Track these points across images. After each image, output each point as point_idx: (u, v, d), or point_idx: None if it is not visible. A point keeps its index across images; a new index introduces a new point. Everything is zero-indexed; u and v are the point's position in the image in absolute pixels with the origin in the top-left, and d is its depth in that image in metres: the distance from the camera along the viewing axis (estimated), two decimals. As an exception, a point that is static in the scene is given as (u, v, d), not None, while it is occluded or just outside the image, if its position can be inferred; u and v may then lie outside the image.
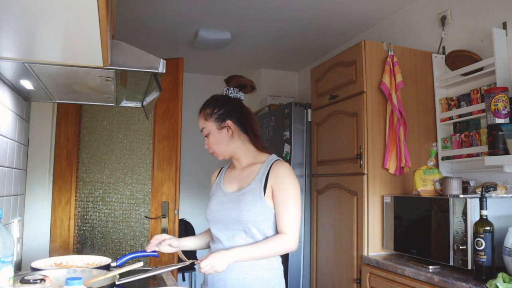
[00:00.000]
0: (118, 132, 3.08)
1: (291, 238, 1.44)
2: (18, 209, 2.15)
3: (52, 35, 1.07)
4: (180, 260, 1.57)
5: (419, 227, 2.01)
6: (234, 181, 1.58)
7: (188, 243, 1.68)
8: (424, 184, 2.09)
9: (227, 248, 1.45)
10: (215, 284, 1.49)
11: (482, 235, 1.59)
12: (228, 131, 1.55)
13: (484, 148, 2.09)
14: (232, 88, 1.63)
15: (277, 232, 1.48)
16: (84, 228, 3.00)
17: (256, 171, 1.53)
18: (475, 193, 1.99)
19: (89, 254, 2.89)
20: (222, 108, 1.56)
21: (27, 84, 1.71)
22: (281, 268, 1.53)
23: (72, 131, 2.97)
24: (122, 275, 1.37)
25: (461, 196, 1.86)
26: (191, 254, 3.95)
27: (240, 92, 1.65)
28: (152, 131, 3.05)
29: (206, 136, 1.57)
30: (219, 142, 1.55)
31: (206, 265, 1.35)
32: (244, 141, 1.58)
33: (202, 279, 1.59)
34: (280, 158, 1.58)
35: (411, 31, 2.81)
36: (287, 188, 1.47)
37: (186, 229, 3.95)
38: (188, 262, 1.50)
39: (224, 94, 1.62)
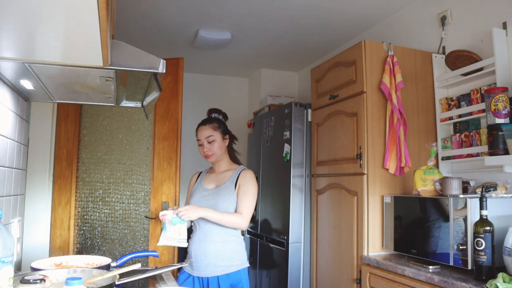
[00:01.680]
0: (118, 132, 3.08)
1: (245, 218, 2.04)
2: (18, 209, 2.15)
3: (52, 35, 1.07)
4: (179, 260, 1.60)
5: (419, 227, 2.01)
6: (212, 181, 2.19)
7: None
8: (424, 184, 2.08)
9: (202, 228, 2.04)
10: (197, 256, 2.01)
11: (482, 235, 1.59)
12: (226, 142, 2.19)
13: (484, 148, 2.09)
14: (219, 115, 2.27)
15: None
16: (84, 228, 3.00)
17: (230, 174, 2.16)
18: (475, 193, 1.99)
19: (89, 254, 2.89)
20: (224, 125, 2.21)
21: (27, 84, 1.71)
22: (244, 243, 2.13)
23: (72, 131, 2.97)
24: (122, 275, 1.37)
25: (461, 196, 1.86)
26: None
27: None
28: (152, 131, 3.04)
29: (210, 142, 2.12)
30: (221, 148, 2.15)
31: (182, 209, 1.88)
32: (227, 152, 2.22)
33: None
34: (245, 168, 2.20)
35: (411, 31, 2.81)
36: (249, 186, 2.10)
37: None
38: (187, 264, 1.55)
39: (216, 117, 2.24)
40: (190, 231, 2.12)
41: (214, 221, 2.00)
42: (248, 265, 2.10)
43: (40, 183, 2.79)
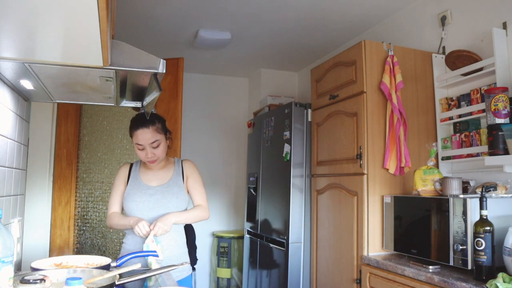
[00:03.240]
0: (118, 132, 3.08)
1: (207, 208, 2.01)
2: (18, 209, 2.15)
3: (52, 35, 1.07)
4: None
5: (419, 227, 2.01)
6: (153, 178, 1.99)
7: (117, 207, 2.01)
8: (424, 184, 2.08)
9: (164, 214, 1.86)
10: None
11: (482, 235, 1.59)
12: (168, 141, 1.99)
13: (484, 148, 2.09)
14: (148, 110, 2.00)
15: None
16: (84, 228, 3.00)
17: (172, 168, 2.02)
18: (475, 193, 1.99)
19: (89, 254, 2.90)
20: (163, 123, 1.96)
21: (27, 84, 1.71)
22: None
23: (72, 131, 2.97)
24: (122, 275, 1.37)
25: (461, 196, 1.86)
26: (192, 257, 3.95)
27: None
28: (152, 131, 3.04)
29: (156, 147, 1.89)
30: (165, 150, 1.96)
31: (157, 229, 1.76)
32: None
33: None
34: (183, 158, 2.10)
35: (411, 31, 2.81)
36: (197, 176, 2.03)
37: (186, 229, 3.95)
38: (186, 264, 1.55)
39: (150, 112, 1.95)
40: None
41: (183, 222, 1.94)
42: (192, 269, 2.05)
43: (40, 183, 2.79)
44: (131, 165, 2.07)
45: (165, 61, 1.38)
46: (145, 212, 1.91)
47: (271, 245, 3.25)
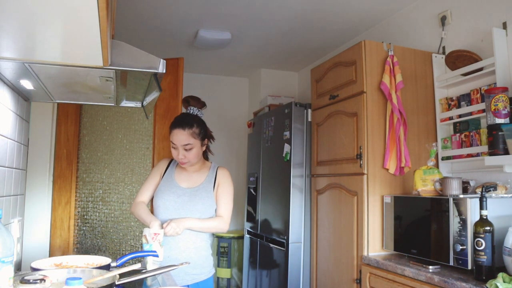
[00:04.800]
0: (118, 132, 3.08)
1: (226, 222, 1.94)
2: (18, 209, 2.15)
3: (52, 35, 1.07)
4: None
5: (419, 227, 2.01)
6: (186, 179, 1.99)
7: (145, 196, 2.03)
8: (424, 184, 2.08)
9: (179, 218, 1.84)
10: (167, 264, 1.75)
11: (482, 235, 1.59)
12: (204, 147, 1.98)
13: (484, 148, 2.09)
14: (197, 109, 2.03)
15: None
16: (84, 228, 3.00)
17: (206, 173, 2.01)
18: (475, 193, 1.99)
19: (89, 254, 2.89)
20: (203, 129, 1.96)
21: (27, 84, 1.71)
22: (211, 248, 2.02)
23: (72, 131, 2.97)
24: (122, 275, 1.37)
25: (461, 196, 1.86)
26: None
27: (201, 112, 2.06)
28: (152, 131, 3.05)
29: (188, 149, 1.89)
30: (198, 155, 1.95)
31: (169, 229, 1.75)
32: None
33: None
34: (220, 165, 2.07)
35: (411, 31, 2.81)
36: (228, 187, 1.99)
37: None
38: (186, 264, 1.54)
39: (195, 114, 2.01)
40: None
41: (197, 230, 1.89)
42: (214, 271, 2.01)
43: (40, 183, 2.79)
44: (171, 160, 2.08)
45: (165, 61, 1.38)
46: (169, 212, 1.91)
47: (271, 245, 3.25)
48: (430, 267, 1.82)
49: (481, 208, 1.62)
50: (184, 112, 2.03)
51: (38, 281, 1.16)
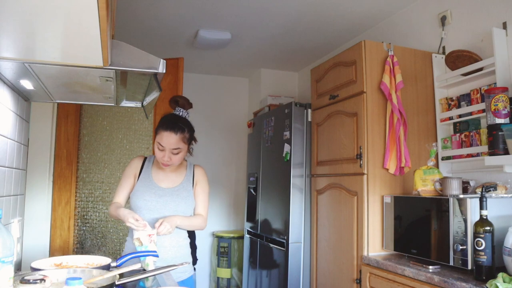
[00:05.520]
0: (118, 132, 3.08)
1: (206, 220, 2.00)
2: (18, 209, 2.15)
3: (52, 35, 1.07)
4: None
5: (419, 227, 2.01)
6: (164, 178, 1.96)
7: (121, 198, 1.97)
8: (424, 184, 2.08)
9: (168, 216, 1.85)
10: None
11: (482, 235, 1.59)
12: (188, 152, 1.97)
13: (484, 148, 2.09)
14: (185, 111, 1.98)
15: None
16: (84, 228, 3.00)
17: (183, 172, 2.00)
18: (475, 193, 1.99)
19: (89, 254, 2.90)
20: (192, 133, 1.95)
21: (27, 84, 1.71)
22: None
23: (72, 131, 2.97)
24: (122, 275, 1.37)
25: (461, 196, 1.86)
26: (192, 257, 3.95)
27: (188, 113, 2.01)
28: (152, 131, 3.05)
29: (175, 153, 1.87)
30: (182, 158, 1.94)
31: (163, 228, 1.75)
32: None
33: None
34: (195, 163, 2.07)
35: (411, 31, 2.81)
36: (205, 185, 2.02)
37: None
38: (186, 264, 1.54)
39: (184, 116, 1.96)
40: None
41: (184, 228, 1.93)
42: (195, 270, 2.05)
43: (40, 183, 2.79)
44: (145, 159, 2.03)
45: (165, 61, 1.38)
46: (152, 212, 1.89)
47: (271, 245, 3.25)
48: (430, 267, 1.82)
49: (481, 208, 1.62)
50: (174, 114, 1.97)
51: (38, 281, 1.16)
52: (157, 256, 1.68)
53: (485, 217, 1.61)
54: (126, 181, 1.97)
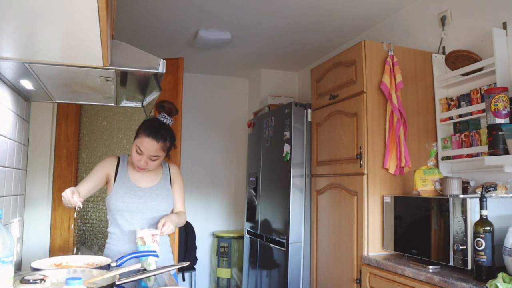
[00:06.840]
0: (118, 132, 3.08)
1: (186, 216, 2.05)
2: (18, 209, 2.15)
3: (52, 35, 1.07)
4: (179, 260, 1.60)
5: (419, 227, 2.01)
6: (141, 178, 1.94)
7: (82, 188, 1.86)
8: (424, 184, 2.08)
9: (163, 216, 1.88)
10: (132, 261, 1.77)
11: (482, 235, 1.59)
12: (166, 158, 1.95)
13: (484, 148, 2.09)
14: (170, 119, 1.94)
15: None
16: (84, 228, 3.00)
17: (159, 172, 1.99)
18: (475, 193, 1.99)
19: (89, 254, 2.90)
20: (173, 142, 1.93)
21: (27, 84, 1.71)
22: None
23: (72, 131, 2.97)
24: (122, 275, 1.37)
25: (461, 196, 1.86)
26: (192, 257, 3.95)
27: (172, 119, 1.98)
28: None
29: (153, 160, 1.85)
30: (160, 164, 1.94)
31: (166, 228, 1.77)
32: None
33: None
34: (168, 161, 2.08)
35: (411, 31, 2.81)
36: (181, 182, 2.05)
37: (186, 229, 3.96)
38: (187, 264, 1.54)
39: (168, 123, 1.93)
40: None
41: (176, 226, 1.94)
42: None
43: (40, 183, 2.79)
44: (118, 159, 1.98)
45: (165, 61, 1.39)
46: (134, 213, 1.88)
47: (271, 245, 3.25)
48: (430, 267, 1.82)
49: (481, 208, 1.62)
50: (158, 119, 1.91)
51: (38, 281, 1.16)
52: (157, 256, 1.68)
53: (485, 217, 1.61)
54: (94, 176, 1.90)
